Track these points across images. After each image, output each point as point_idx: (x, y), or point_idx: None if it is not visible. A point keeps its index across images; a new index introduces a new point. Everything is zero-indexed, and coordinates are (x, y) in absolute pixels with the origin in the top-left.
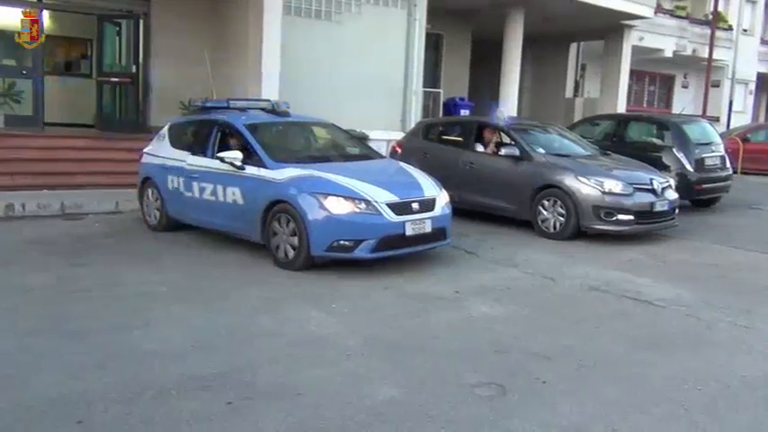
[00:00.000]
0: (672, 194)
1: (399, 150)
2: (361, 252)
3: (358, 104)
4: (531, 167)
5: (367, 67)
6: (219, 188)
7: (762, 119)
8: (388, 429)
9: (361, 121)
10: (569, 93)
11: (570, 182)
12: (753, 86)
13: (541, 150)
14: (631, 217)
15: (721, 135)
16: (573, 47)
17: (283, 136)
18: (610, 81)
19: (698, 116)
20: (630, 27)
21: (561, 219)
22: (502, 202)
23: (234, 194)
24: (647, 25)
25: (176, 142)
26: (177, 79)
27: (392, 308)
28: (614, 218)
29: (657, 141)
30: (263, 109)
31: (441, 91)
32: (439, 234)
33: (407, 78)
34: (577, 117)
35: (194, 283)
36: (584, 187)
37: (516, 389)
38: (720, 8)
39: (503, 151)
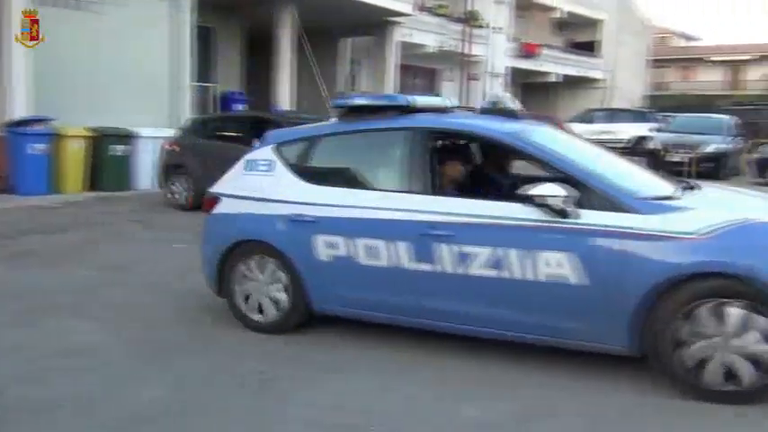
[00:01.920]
0: None
1: (178, 149)
2: None
3: (123, 102)
4: None
5: (131, 61)
6: (503, 255)
7: None
8: (152, 429)
9: (128, 119)
10: (342, 86)
11: None
12: (504, 79)
13: None
14: None
15: None
16: (346, 42)
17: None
18: (380, 75)
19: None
20: (395, 24)
21: None
22: None
23: (559, 266)
24: (413, 22)
25: (311, 173)
26: None
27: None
28: None
29: None
30: (443, 109)
31: (216, 85)
32: None
33: (174, 73)
34: None
35: None
36: None
37: (283, 376)
38: (477, 7)
39: None
